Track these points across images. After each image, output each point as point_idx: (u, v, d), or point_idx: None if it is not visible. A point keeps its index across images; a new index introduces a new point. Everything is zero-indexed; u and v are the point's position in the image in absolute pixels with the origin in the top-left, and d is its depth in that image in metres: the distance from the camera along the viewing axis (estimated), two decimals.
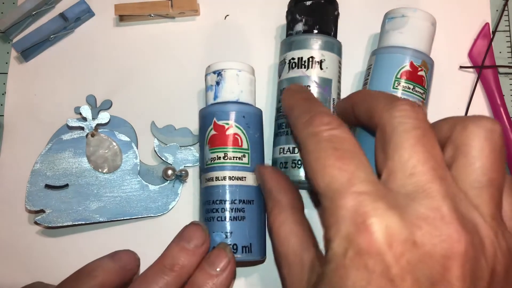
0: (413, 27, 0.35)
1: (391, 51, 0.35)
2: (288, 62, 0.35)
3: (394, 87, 0.34)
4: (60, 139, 0.38)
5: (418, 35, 0.35)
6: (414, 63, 0.34)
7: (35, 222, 0.37)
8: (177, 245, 0.31)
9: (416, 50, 0.35)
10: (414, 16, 0.35)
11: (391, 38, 0.36)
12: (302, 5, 0.36)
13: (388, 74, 0.35)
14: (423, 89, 0.35)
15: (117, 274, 0.31)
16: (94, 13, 0.43)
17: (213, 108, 0.35)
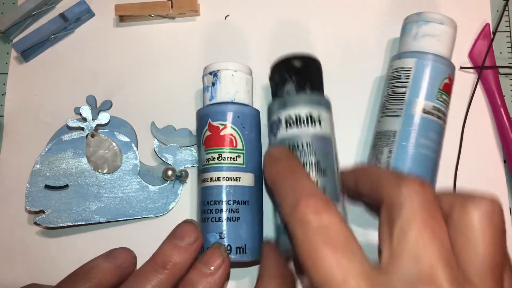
0: (449, 37, 0.35)
1: (435, 60, 0.35)
2: (285, 121, 0.33)
3: (437, 99, 0.34)
4: (60, 139, 0.38)
5: (451, 45, 0.36)
6: (451, 76, 0.35)
7: (35, 223, 0.37)
8: (169, 243, 0.31)
9: (451, 62, 0.35)
10: (449, 25, 0.35)
11: (429, 44, 0.35)
12: (290, 65, 0.35)
13: (432, 84, 0.34)
14: (449, 97, 0.35)
15: (113, 274, 0.31)
16: (94, 13, 0.43)
17: (209, 109, 0.35)
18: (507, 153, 0.38)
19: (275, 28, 0.42)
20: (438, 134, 0.34)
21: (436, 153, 0.35)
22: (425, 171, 0.34)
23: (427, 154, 0.34)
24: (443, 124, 0.35)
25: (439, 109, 0.34)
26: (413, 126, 0.34)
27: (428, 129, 0.34)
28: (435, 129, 0.34)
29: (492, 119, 0.39)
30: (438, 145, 0.35)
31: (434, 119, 0.34)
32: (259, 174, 0.35)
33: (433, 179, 0.35)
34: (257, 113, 0.36)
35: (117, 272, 0.31)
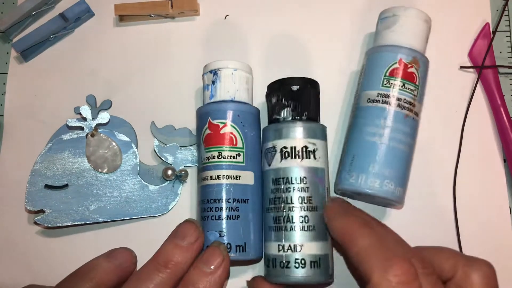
0: (404, 25, 0.35)
1: (381, 50, 0.36)
2: (280, 151, 0.33)
3: (383, 85, 0.34)
4: (60, 139, 0.38)
5: (409, 33, 0.35)
6: (403, 60, 0.34)
7: (35, 222, 0.37)
8: (171, 242, 0.31)
9: (406, 47, 0.35)
10: (405, 15, 0.35)
11: (382, 37, 0.36)
12: (288, 90, 0.34)
13: (377, 73, 0.35)
14: (414, 85, 0.34)
15: (114, 274, 0.31)
16: (94, 13, 0.43)
17: (208, 108, 0.35)
18: (507, 153, 0.38)
19: (274, 27, 0.42)
20: (385, 118, 0.34)
21: (387, 138, 0.34)
22: (371, 158, 0.33)
23: (373, 141, 0.34)
24: (392, 108, 0.34)
25: (384, 94, 0.34)
26: (359, 118, 0.35)
27: (373, 117, 0.34)
28: (381, 114, 0.34)
29: (492, 118, 0.39)
30: (390, 129, 0.34)
31: (379, 105, 0.34)
32: (259, 172, 0.35)
33: (388, 164, 0.33)
34: (257, 112, 0.36)
35: (118, 272, 0.31)
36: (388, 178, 0.33)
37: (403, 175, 0.34)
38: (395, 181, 0.33)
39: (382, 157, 0.33)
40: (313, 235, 0.32)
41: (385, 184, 0.33)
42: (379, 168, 0.33)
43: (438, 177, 0.38)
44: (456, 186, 0.38)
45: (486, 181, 0.38)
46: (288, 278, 0.32)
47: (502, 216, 0.37)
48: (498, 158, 0.39)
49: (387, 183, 0.33)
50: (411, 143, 0.35)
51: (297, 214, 0.32)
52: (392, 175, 0.33)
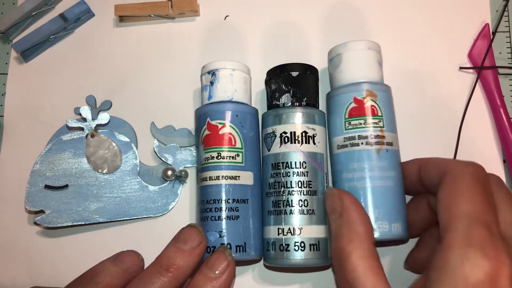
0: (349, 61, 0.34)
1: (336, 94, 0.35)
2: (279, 136, 0.34)
3: (346, 129, 0.33)
4: (60, 139, 0.38)
5: (355, 68, 0.34)
6: (357, 98, 0.33)
7: (34, 223, 0.37)
8: (173, 246, 0.31)
9: (356, 84, 0.34)
10: (346, 50, 0.34)
11: (334, 79, 0.36)
12: (288, 76, 0.35)
13: (338, 118, 0.34)
14: (377, 118, 0.33)
15: (121, 278, 0.31)
16: (94, 13, 0.43)
17: (207, 108, 0.35)
18: (506, 153, 0.38)
19: (274, 28, 0.42)
20: (357, 161, 0.33)
21: (365, 179, 0.32)
22: (376, 202, 0.32)
23: (353, 186, 0.32)
24: (361, 148, 0.33)
25: (350, 137, 0.33)
26: (335, 165, 0.34)
27: (347, 162, 0.33)
28: (353, 158, 0.33)
29: (492, 119, 0.39)
30: (366, 170, 0.32)
31: (348, 149, 0.33)
32: (258, 172, 0.35)
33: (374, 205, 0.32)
34: (256, 112, 0.36)
35: (124, 276, 0.31)
36: (379, 220, 0.32)
37: (395, 209, 0.32)
38: (388, 219, 0.32)
39: (366, 200, 0.32)
40: (313, 219, 0.32)
41: (378, 226, 0.31)
42: (367, 211, 0.31)
43: None
44: None
45: None
46: (288, 261, 0.32)
47: None
48: (497, 158, 0.39)
49: (380, 224, 0.32)
50: (393, 174, 0.33)
51: (297, 198, 0.33)
52: (382, 215, 0.32)
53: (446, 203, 0.27)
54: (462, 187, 0.27)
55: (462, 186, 0.27)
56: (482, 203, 0.26)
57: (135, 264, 0.32)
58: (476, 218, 0.25)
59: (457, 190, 0.27)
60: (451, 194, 0.27)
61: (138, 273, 0.32)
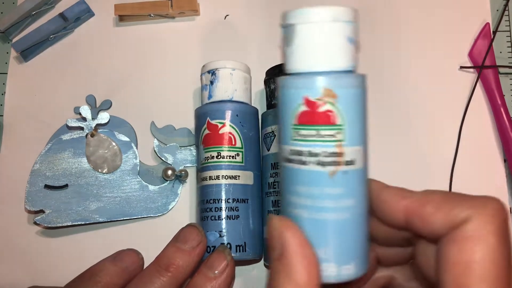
0: (302, 39, 0.24)
1: (284, 85, 0.24)
2: (278, 136, 0.31)
3: (293, 139, 0.24)
4: (60, 139, 0.38)
5: (310, 50, 0.24)
6: (309, 98, 0.23)
7: (34, 223, 0.37)
8: (173, 246, 0.31)
9: (309, 76, 0.23)
10: (300, 20, 0.24)
11: (285, 61, 0.25)
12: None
13: (286, 122, 0.24)
14: (334, 128, 0.23)
15: (120, 277, 0.31)
16: (93, 13, 0.42)
17: (207, 108, 0.35)
18: (507, 153, 0.38)
19: (274, 27, 0.42)
20: (303, 184, 0.24)
21: (311, 209, 0.24)
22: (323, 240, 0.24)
23: (297, 214, 0.24)
24: (309, 168, 0.24)
25: (297, 151, 0.24)
26: (282, 180, 0.26)
27: (292, 182, 0.24)
28: (298, 179, 0.24)
29: (492, 118, 0.39)
30: (314, 198, 0.24)
31: (294, 166, 0.24)
32: (258, 172, 0.35)
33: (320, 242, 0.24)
34: (256, 111, 0.36)
35: (124, 275, 0.31)
36: (326, 261, 0.24)
37: (349, 247, 0.24)
38: (337, 260, 0.24)
39: (311, 236, 0.23)
40: None
41: (324, 269, 0.24)
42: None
43: (437, 178, 0.38)
44: (455, 187, 0.37)
45: (486, 181, 0.38)
46: None
47: None
48: (498, 158, 0.39)
49: (326, 267, 0.24)
50: (351, 203, 0.24)
51: None
52: (330, 255, 0.24)
53: (457, 277, 0.20)
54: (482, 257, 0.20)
55: (483, 256, 0.20)
56: (504, 282, 0.20)
57: (134, 263, 0.32)
58: None
59: (475, 263, 0.20)
60: (466, 265, 0.20)
61: (137, 272, 0.32)
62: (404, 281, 0.28)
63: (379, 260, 0.28)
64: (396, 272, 0.28)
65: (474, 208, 0.21)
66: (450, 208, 0.21)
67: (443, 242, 0.21)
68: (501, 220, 0.21)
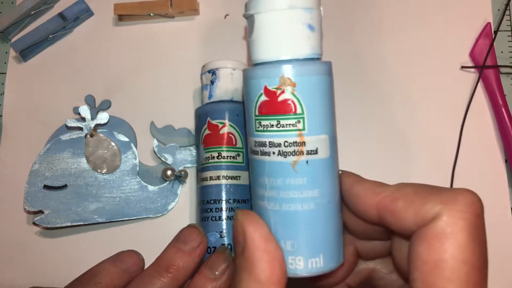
0: (261, 27, 0.23)
1: (247, 76, 0.24)
2: None
3: (256, 130, 0.24)
4: (59, 139, 0.38)
5: (269, 38, 0.23)
6: (268, 87, 0.23)
7: (33, 223, 0.37)
8: (173, 247, 0.31)
9: (268, 64, 0.24)
10: (258, 10, 0.23)
11: (249, 51, 0.25)
12: None
13: (249, 113, 0.24)
14: (294, 117, 0.23)
15: (120, 278, 0.31)
16: (93, 12, 0.42)
17: (207, 108, 0.35)
18: (508, 153, 0.38)
19: None
20: (267, 175, 0.24)
21: (276, 200, 0.24)
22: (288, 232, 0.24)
23: (262, 206, 0.24)
24: (271, 159, 0.24)
25: (262, 142, 0.24)
26: (250, 172, 0.26)
27: (257, 173, 0.24)
28: (262, 171, 0.24)
29: (493, 118, 0.39)
30: (278, 189, 0.23)
31: (258, 157, 0.24)
32: None
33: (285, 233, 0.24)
34: None
35: (124, 276, 0.31)
36: (292, 254, 0.23)
37: (316, 239, 0.24)
38: (304, 253, 0.23)
39: (276, 228, 0.24)
40: None
41: (290, 262, 0.23)
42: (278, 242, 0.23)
43: (437, 178, 0.38)
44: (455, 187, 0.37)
45: (487, 182, 0.38)
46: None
47: (504, 218, 0.37)
48: (499, 158, 0.38)
49: (292, 260, 0.23)
50: (316, 194, 0.23)
51: None
52: (296, 248, 0.23)
53: (426, 276, 0.20)
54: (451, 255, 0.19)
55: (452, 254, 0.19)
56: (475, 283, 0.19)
57: (135, 264, 0.32)
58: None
59: (444, 262, 0.19)
60: (435, 263, 0.19)
61: (138, 273, 0.32)
62: (385, 273, 0.27)
63: (359, 253, 0.27)
64: (377, 264, 0.27)
65: (444, 203, 0.20)
66: (421, 203, 0.21)
67: (414, 239, 0.21)
68: (474, 215, 0.20)
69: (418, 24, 0.41)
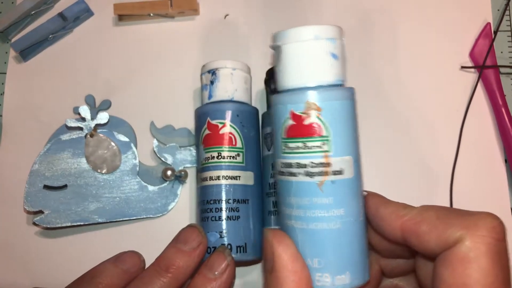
0: (287, 57, 0.25)
1: (275, 102, 0.26)
2: None
3: (283, 152, 0.25)
4: (59, 139, 0.38)
5: (295, 67, 0.25)
6: (294, 112, 0.25)
7: (33, 223, 0.37)
8: (173, 247, 0.31)
9: (294, 91, 0.25)
10: (285, 41, 0.25)
11: (276, 78, 0.26)
12: None
13: (277, 136, 0.26)
14: (320, 139, 0.24)
15: (121, 279, 0.31)
16: (93, 12, 0.42)
17: (207, 108, 0.35)
18: (508, 153, 0.38)
19: (274, 26, 0.41)
20: (294, 195, 0.25)
21: (302, 219, 0.25)
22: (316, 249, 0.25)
23: (290, 225, 0.25)
24: (299, 180, 0.25)
25: (289, 164, 0.25)
26: (278, 193, 0.27)
27: (284, 194, 0.26)
28: (289, 191, 0.25)
29: (493, 119, 0.39)
30: (304, 208, 0.25)
31: (285, 178, 0.25)
32: (258, 172, 0.35)
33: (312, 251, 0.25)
34: (256, 111, 0.36)
35: (125, 277, 0.31)
36: (319, 271, 0.24)
37: (343, 257, 0.25)
38: (331, 270, 0.24)
39: (304, 247, 0.25)
40: None
41: (317, 279, 0.24)
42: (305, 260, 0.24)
43: (438, 178, 0.38)
44: (456, 187, 0.37)
45: (487, 182, 0.38)
46: None
47: (504, 218, 0.37)
48: (499, 158, 0.38)
49: (319, 277, 0.24)
50: (341, 213, 0.24)
51: None
52: (323, 265, 0.24)
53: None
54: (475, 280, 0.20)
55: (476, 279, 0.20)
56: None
57: (135, 265, 0.32)
58: None
59: (466, 286, 0.20)
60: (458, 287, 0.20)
61: (138, 273, 0.32)
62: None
63: (383, 271, 0.28)
64: (401, 281, 0.28)
65: (467, 228, 0.21)
66: (444, 228, 0.21)
67: (438, 262, 0.21)
68: (495, 240, 0.21)
69: (418, 25, 0.41)
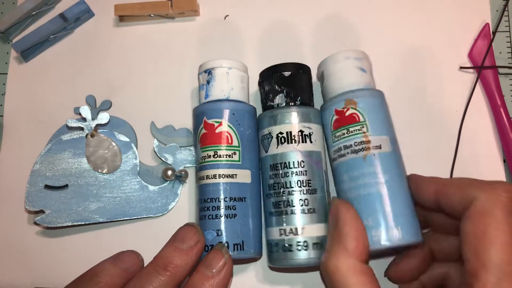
0: (329, 77, 0.35)
1: (322, 109, 0.35)
2: (276, 137, 0.34)
3: (333, 141, 0.34)
4: (60, 139, 0.38)
5: (335, 81, 0.34)
6: (338, 109, 0.33)
7: (34, 223, 0.37)
8: (171, 245, 0.31)
9: (335, 96, 0.34)
10: (326, 67, 0.35)
11: (323, 95, 0.36)
12: (281, 76, 0.35)
13: (327, 132, 0.34)
14: (359, 124, 0.32)
15: (120, 278, 0.31)
16: (94, 13, 0.43)
17: (204, 107, 0.35)
18: (506, 153, 0.38)
19: (274, 28, 0.42)
20: (346, 171, 0.32)
21: (356, 188, 0.32)
22: (369, 210, 0.31)
23: (348, 196, 0.32)
24: (348, 158, 0.32)
25: (338, 148, 0.33)
26: (334, 177, 0.34)
27: (340, 174, 0.33)
28: (343, 169, 0.33)
29: (492, 119, 0.39)
30: (356, 179, 0.32)
31: (338, 160, 0.33)
32: (256, 170, 0.35)
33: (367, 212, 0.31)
34: (253, 110, 0.36)
35: (124, 276, 0.31)
36: (373, 228, 0.30)
37: (392, 214, 0.30)
38: (383, 225, 0.30)
39: (359, 210, 0.31)
40: (314, 218, 0.32)
41: (374, 234, 0.30)
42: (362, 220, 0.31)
43: None
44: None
45: None
46: (292, 262, 0.32)
47: None
48: (498, 158, 0.39)
49: (375, 232, 0.30)
50: (386, 178, 0.31)
51: (297, 198, 0.33)
52: (376, 222, 0.30)
53: (473, 245, 0.25)
54: (492, 226, 0.25)
55: (492, 226, 0.25)
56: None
57: (135, 264, 0.32)
58: (507, 272, 0.24)
59: (487, 232, 0.25)
60: (479, 234, 0.25)
61: (138, 272, 0.32)
62: (458, 280, 0.32)
63: (434, 255, 0.33)
64: (451, 268, 0.33)
65: (485, 188, 0.26)
66: (466, 189, 0.27)
67: (462, 220, 0.26)
68: (507, 199, 0.25)
69: (417, 25, 0.41)
